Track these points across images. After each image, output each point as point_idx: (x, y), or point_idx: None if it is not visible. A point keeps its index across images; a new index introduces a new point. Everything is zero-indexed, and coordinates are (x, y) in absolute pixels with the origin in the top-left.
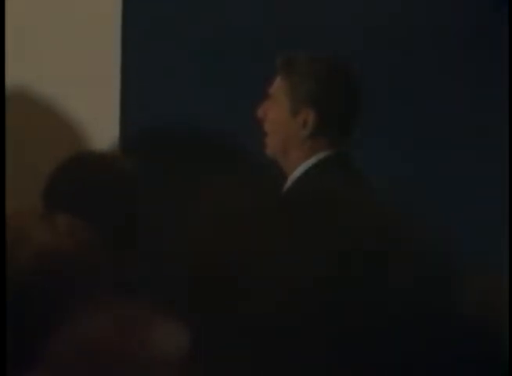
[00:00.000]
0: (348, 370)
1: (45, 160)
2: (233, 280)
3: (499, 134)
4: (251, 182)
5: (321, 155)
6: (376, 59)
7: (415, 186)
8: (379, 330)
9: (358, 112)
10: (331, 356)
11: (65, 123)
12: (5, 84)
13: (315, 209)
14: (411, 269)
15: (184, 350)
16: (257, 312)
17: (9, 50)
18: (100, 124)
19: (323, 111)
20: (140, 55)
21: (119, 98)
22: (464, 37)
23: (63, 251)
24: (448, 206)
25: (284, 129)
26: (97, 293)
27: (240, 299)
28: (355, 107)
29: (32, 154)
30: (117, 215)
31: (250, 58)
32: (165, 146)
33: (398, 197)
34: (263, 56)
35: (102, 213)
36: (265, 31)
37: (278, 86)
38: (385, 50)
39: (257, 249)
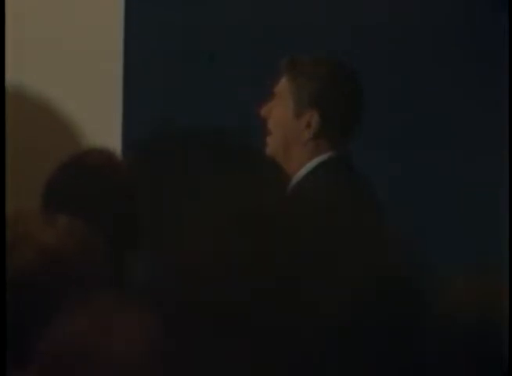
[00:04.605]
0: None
1: (45, 161)
2: (233, 281)
3: (499, 134)
4: (254, 183)
5: (323, 157)
6: (376, 60)
7: (414, 186)
8: (374, 329)
9: (361, 114)
10: (325, 357)
11: (66, 123)
12: (5, 84)
13: (318, 212)
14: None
15: (174, 352)
16: (257, 311)
17: (9, 50)
18: (102, 124)
19: (327, 113)
20: (142, 54)
21: (121, 98)
22: (464, 38)
23: (64, 251)
24: (447, 206)
25: (287, 130)
26: (95, 292)
27: (240, 300)
28: (358, 110)
29: (32, 155)
30: (117, 214)
31: (251, 58)
32: (166, 146)
33: (398, 197)
34: (263, 56)
35: (103, 213)
36: (266, 31)
37: (283, 87)
38: (385, 50)
39: (258, 249)
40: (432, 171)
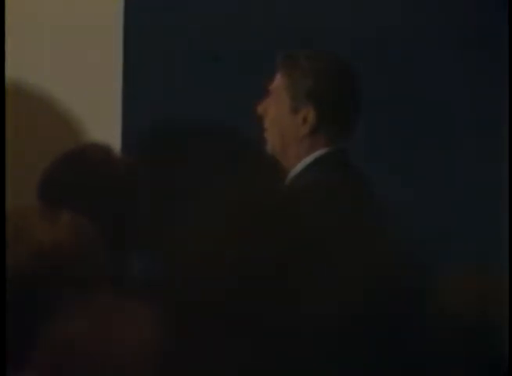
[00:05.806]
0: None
1: (45, 160)
2: (233, 279)
3: (499, 134)
4: (252, 180)
5: (320, 152)
6: (376, 59)
7: (414, 185)
8: (374, 327)
9: (358, 110)
10: (325, 356)
11: (66, 122)
12: (5, 83)
13: (315, 204)
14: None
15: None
16: (256, 310)
17: (9, 49)
18: (101, 122)
19: (323, 109)
20: (141, 52)
21: (120, 96)
22: (464, 38)
23: (66, 248)
24: (447, 206)
25: (284, 126)
26: (95, 291)
27: (240, 299)
28: (354, 105)
29: (32, 154)
30: (116, 212)
31: (250, 57)
32: (165, 144)
33: (397, 196)
34: (262, 55)
35: (101, 210)
36: (265, 31)
37: (278, 83)
38: (385, 50)
39: (257, 244)
40: (432, 170)
